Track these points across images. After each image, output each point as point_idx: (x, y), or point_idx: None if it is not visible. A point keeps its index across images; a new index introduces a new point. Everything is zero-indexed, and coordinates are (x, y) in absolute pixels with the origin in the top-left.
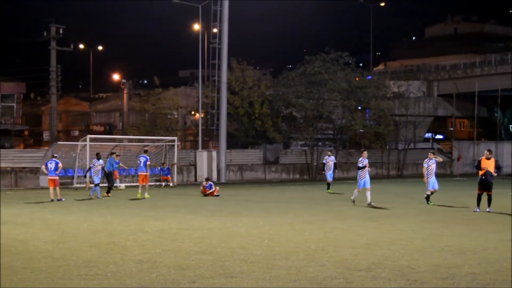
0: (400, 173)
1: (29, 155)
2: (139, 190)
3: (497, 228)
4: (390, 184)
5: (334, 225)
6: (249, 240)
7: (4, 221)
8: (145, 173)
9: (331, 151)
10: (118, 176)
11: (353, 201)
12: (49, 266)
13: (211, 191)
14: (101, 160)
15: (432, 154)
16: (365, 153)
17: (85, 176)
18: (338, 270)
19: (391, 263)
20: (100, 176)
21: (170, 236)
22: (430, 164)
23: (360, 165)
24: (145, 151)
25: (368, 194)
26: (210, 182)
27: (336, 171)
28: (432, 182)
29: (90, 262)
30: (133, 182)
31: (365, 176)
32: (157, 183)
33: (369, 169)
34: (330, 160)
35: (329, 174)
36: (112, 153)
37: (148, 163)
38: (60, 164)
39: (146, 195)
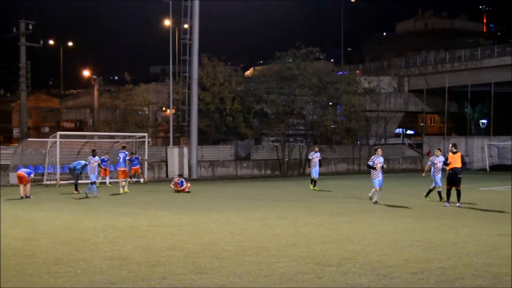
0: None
1: None
2: (121, 186)
3: (467, 222)
4: (361, 179)
5: (307, 220)
6: (220, 236)
7: None
8: (123, 168)
9: (318, 147)
10: (107, 173)
11: (374, 200)
12: (18, 263)
13: (182, 187)
14: (97, 157)
15: (439, 151)
16: (380, 151)
17: (79, 173)
18: (308, 266)
19: (361, 258)
20: (96, 173)
21: (141, 233)
22: (436, 162)
23: (370, 163)
24: (123, 147)
25: (377, 193)
26: (182, 179)
27: (321, 167)
28: (439, 179)
29: (60, 259)
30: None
31: (378, 176)
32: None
33: (384, 166)
34: (316, 157)
35: (314, 171)
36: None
37: (127, 158)
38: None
39: (126, 189)
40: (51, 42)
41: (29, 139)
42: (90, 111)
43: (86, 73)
